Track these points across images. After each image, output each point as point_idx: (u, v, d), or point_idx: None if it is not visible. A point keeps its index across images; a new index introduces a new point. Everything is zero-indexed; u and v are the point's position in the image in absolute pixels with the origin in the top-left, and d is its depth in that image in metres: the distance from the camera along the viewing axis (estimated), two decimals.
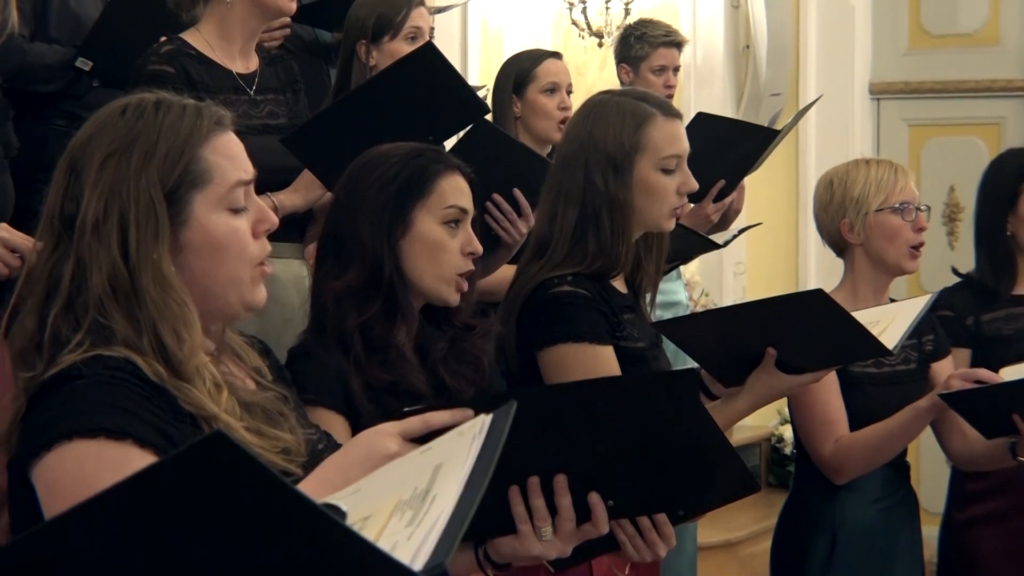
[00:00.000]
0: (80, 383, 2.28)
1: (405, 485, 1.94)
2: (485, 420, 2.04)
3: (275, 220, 2.50)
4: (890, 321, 3.84)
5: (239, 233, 2.43)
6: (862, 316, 3.72)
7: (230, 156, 2.45)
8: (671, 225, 3.75)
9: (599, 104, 3.80)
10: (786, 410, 4.99)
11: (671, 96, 6.12)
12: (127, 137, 2.39)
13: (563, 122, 5.51)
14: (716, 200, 5.12)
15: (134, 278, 2.34)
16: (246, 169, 2.46)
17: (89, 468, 2.17)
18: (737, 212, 5.37)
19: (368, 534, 1.76)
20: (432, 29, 5.01)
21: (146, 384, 2.31)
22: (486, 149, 4.33)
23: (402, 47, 4.74)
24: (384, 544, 1.73)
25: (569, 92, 5.65)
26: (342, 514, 1.69)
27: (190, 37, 4.32)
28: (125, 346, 2.33)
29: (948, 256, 8.21)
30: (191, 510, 1.58)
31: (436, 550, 1.70)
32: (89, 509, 1.60)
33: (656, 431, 2.55)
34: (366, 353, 3.09)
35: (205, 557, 1.61)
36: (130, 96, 2.48)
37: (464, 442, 2.00)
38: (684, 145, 3.71)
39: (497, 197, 4.31)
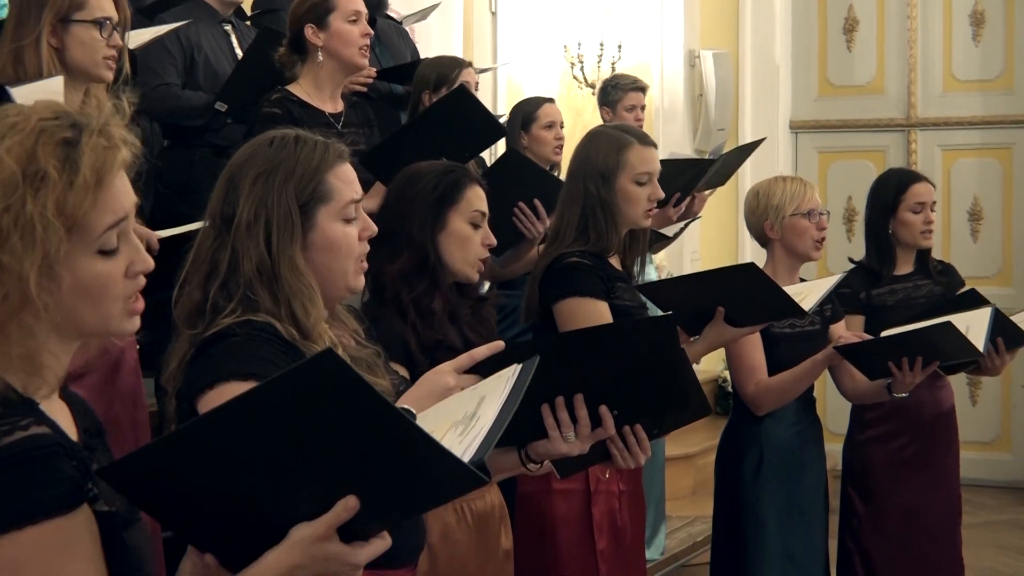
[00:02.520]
0: (235, 339, 2.31)
1: (459, 411, 2.01)
2: (517, 367, 2.12)
3: (375, 228, 2.54)
4: (808, 293, 3.93)
5: (350, 238, 2.46)
6: (789, 290, 3.82)
7: (347, 181, 2.47)
8: (647, 223, 3.84)
9: (595, 134, 3.92)
10: None
11: (641, 127, 6.14)
12: (273, 162, 2.42)
13: (558, 147, 5.59)
14: (675, 205, 5.14)
15: (275, 266, 2.37)
16: (357, 190, 2.49)
17: None
18: (697, 212, 5.37)
19: None
20: (477, 84, 5.04)
21: (283, 342, 2.34)
22: (514, 171, 4.35)
23: None
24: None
25: (561, 126, 5.70)
26: (413, 415, 1.72)
27: (293, 87, 4.38)
28: (267, 314, 2.35)
29: (847, 247, 8.22)
30: (307, 409, 1.61)
31: (478, 451, 1.77)
32: (227, 410, 1.64)
33: (646, 359, 2.57)
34: (420, 319, 3.10)
35: (316, 442, 1.64)
36: (277, 131, 2.52)
37: (501, 382, 2.07)
38: (655, 165, 3.79)
39: (522, 205, 4.33)
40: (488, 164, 5.46)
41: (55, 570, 1.64)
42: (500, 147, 6.21)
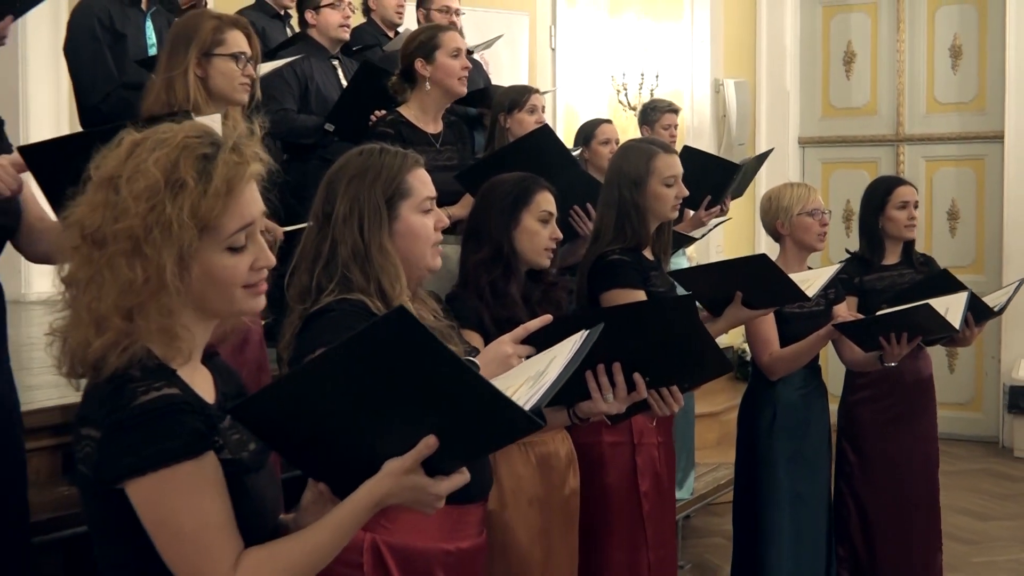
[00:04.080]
0: (334, 314, 2.35)
1: (533, 369, 1.99)
2: (584, 333, 2.12)
3: (447, 221, 2.57)
4: (813, 280, 3.89)
5: (427, 227, 2.50)
6: (796, 277, 3.79)
7: (423, 181, 2.51)
8: (674, 215, 3.81)
9: (625, 148, 3.89)
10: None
11: (674, 142, 6.12)
12: (363, 167, 2.47)
13: None
14: (707, 209, 5.09)
15: (367, 249, 2.41)
16: (431, 189, 2.52)
17: None
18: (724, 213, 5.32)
19: (508, 393, 1.77)
20: (544, 107, 5.03)
21: (372, 316, 2.35)
22: (572, 181, 4.32)
23: (526, 117, 4.81)
24: (515, 398, 1.77)
25: (617, 142, 5.61)
26: (476, 366, 1.71)
27: (403, 109, 4.37)
28: (360, 292, 2.38)
29: (846, 241, 8.15)
30: (386, 358, 1.60)
31: (538, 400, 1.74)
32: (321, 359, 1.63)
33: (671, 333, 2.59)
34: (493, 299, 3.11)
35: (396, 387, 1.62)
36: (364, 145, 2.57)
37: (568, 345, 2.07)
38: (679, 169, 3.76)
39: (576, 208, 4.31)
40: None
41: (185, 503, 1.66)
42: None
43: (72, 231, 1.73)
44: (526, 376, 1.96)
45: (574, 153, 5.00)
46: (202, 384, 1.82)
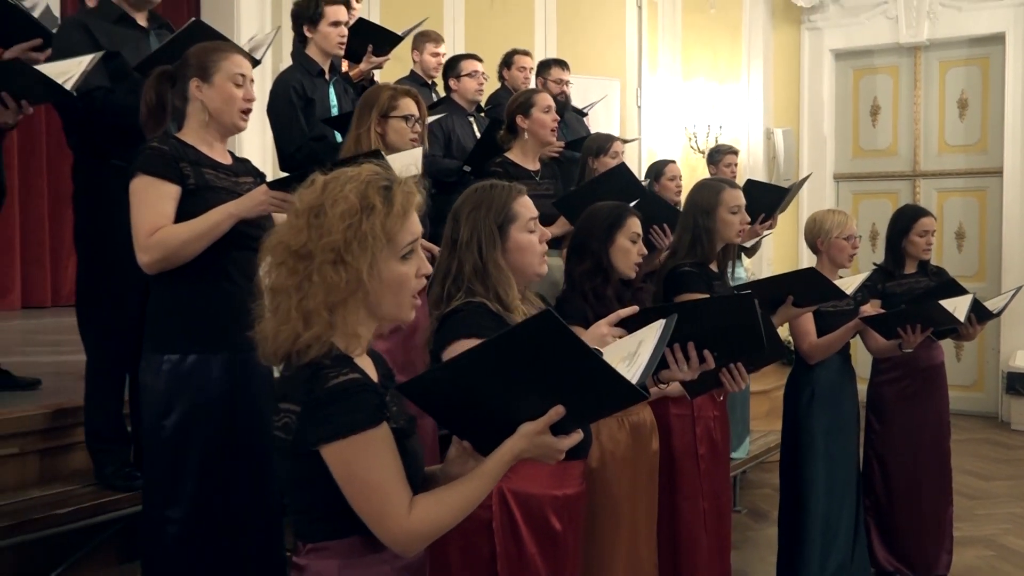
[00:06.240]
0: (462, 312, 2.35)
1: (626, 351, 1.97)
2: (664, 320, 2.09)
3: (550, 235, 2.56)
4: (848, 285, 3.90)
5: (533, 242, 2.48)
6: (836, 282, 3.79)
7: (526, 206, 2.49)
8: (739, 240, 3.75)
9: (700, 184, 3.81)
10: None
11: (734, 177, 6.06)
12: (479, 200, 2.46)
13: (677, 191, 5.52)
14: (761, 223, 5.02)
15: (485, 267, 2.40)
16: (534, 212, 2.50)
17: None
18: (772, 228, 5.24)
19: None
20: (624, 151, 5.01)
21: (493, 315, 2.36)
22: (651, 205, 4.29)
23: (609, 161, 4.76)
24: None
25: (680, 178, 5.59)
26: (600, 353, 1.71)
27: (509, 154, 4.44)
28: (481, 297, 2.38)
29: (871, 256, 8.04)
30: (532, 348, 1.61)
31: (641, 376, 1.75)
32: (476, 350, 1.64)
33: (737, 319, 2.55)
34: (595, 300, 3.09)
35: (537, 370, 1.63)
36: (482, 182, 2.56)
37: (653, 331, 2.04)
38: (742, 201, 3.70)
39: (655, 227, 4.29)
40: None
41: (371, 462, 1.68)
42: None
43: (277, 250, 1.75)
44: (620, 356, 1.94)
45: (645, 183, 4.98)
46: (369, 369, 1.84)
